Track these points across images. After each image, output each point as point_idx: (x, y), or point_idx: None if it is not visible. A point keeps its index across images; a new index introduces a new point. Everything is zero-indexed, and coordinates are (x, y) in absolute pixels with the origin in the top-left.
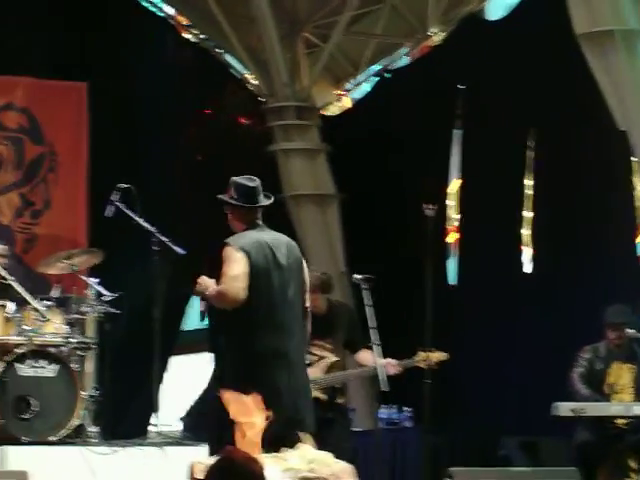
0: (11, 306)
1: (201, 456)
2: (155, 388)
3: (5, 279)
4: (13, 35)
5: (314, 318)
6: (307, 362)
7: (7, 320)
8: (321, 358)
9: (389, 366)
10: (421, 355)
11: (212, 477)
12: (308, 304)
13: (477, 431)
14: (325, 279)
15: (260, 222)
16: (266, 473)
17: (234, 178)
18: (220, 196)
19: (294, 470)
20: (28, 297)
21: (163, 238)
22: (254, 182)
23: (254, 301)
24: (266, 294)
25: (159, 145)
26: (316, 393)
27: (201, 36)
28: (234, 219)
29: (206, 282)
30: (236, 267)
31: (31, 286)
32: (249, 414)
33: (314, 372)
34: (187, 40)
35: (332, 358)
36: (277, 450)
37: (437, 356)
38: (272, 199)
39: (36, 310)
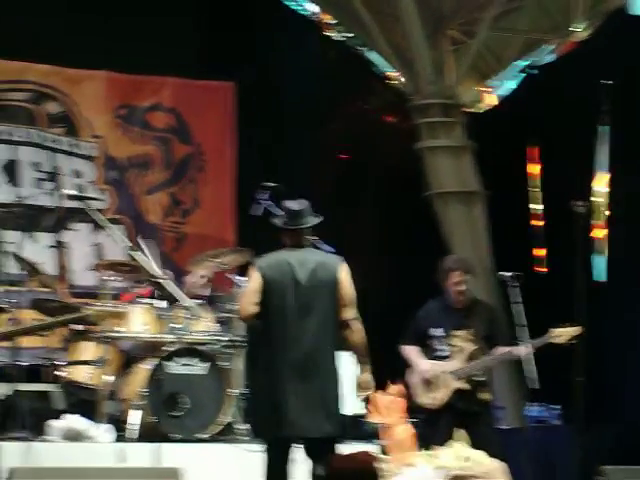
0: (162, 305)
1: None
2: None
3: (158, 278)
4: (161, 36)
5: (455, 311)
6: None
7: (158, 318)
8: (462, 349)
9: (521, 349)
10: (554, 332)
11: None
12: (347, 316)
13: (629, 430)
14: (463, 259)
15: (306, 242)
16: (418, 470)
17: (284, 201)
18: (272, 220)
19: (446, 468)
20: (180, 296)
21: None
22: (300, 205)
23: (265, 316)
24: (279, 308)
25: (304, 143)
26: (459, 384)
27: (345, 34)
28: (283, 239)
29: None
30: (249, 284)
31: (180, 285)
32: (394, 415)
33: (454, 363)
34: (331, 38)
35: (472, 347)
36: None
37: (571, 331)
38: (319, 219)
39: (186, 308)
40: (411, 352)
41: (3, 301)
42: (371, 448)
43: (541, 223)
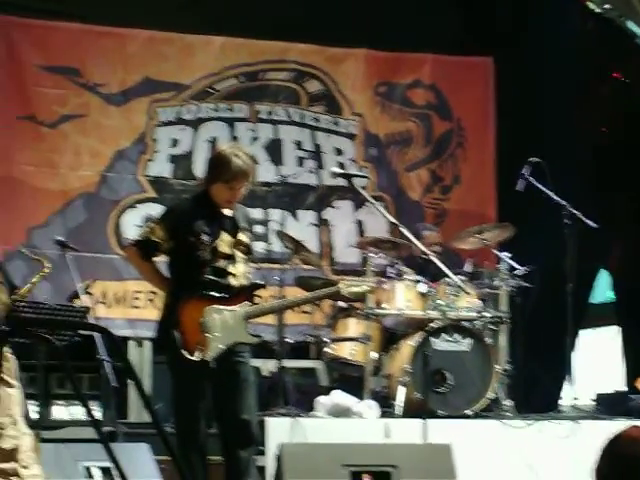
0: (424, 281)
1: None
2: (567, 362)
3: (426, 255)
4: (419, 12)
5: None
6: None
7: (422, 295)
8: None
9: None
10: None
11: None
12: None
13: None
14: None
15: None
16: None
17: None
18: None
19: None
20: (448, 272)
21: (574, 211)
22: None
23: None
24: None
25: (565, 118)
26: None
27: (605, 6)
28: None
29: None
30: None
31: (444, 261)
32: None
33: None
34: (590, 9)
35: None
36: None
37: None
38: None
39: (449, 285)
40: None
41: (269, 279)
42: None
43: None
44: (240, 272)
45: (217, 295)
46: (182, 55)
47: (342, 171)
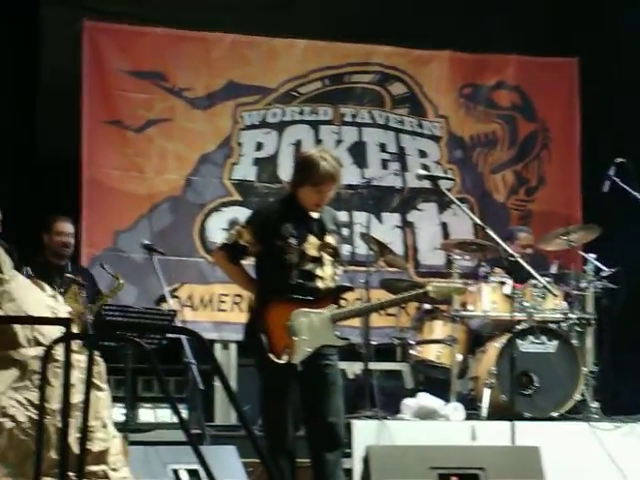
0: (509, 283)
1: None
2: None
3: (513, 256)
4: (502, 13)
5: None
6: None
7: (506, 297)
8: None
9: None
10: None
11: None
12: None
13: None
14: None
15: None
16: None
17: None
18: None
19: None
20: (535, 274)
21: None
22: None
23: None
24: None
25: None
26: None
27: None
28: None
29: None
30: None
31: (531, 262)
32: None
33: None
34: None
35: None
36: None
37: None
38: None
39: (536, 286)
40: None
41: (355, 282)
42: None
43: None
44: (327, 275)
45: (304, 298)
46: (266, 58)
47: (428, 173)
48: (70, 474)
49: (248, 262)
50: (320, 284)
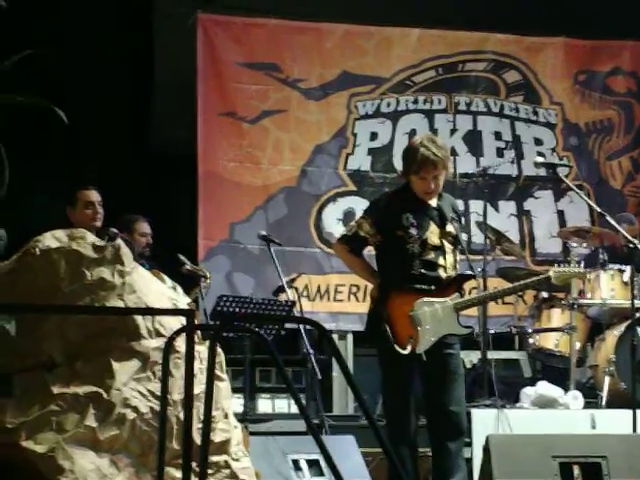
0: (628, 270)
1: None
2: None
3: (633, 243)
4: None
5: None
6: None
7: (625, 284)
8: None
9: None
10: None
11: None
12: None
13: None
14: None
15: None
16: None
17: None
18: None
19: None
20: None
21: None
22: None
23: None
24: None
25: None
26: None
27: None
28: None
29: None
30: None
31: None
32: None
33: None
34: None
35: None
36: None
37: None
38: None
39: None
40: None
41: (474, 270)
42: None
43: None
44: (449, 263)
45: (426, 288)
46: (379, 48)
47: (546, 161)
48: (192, 464)
49: (369, 252)
50: (442, 273)
